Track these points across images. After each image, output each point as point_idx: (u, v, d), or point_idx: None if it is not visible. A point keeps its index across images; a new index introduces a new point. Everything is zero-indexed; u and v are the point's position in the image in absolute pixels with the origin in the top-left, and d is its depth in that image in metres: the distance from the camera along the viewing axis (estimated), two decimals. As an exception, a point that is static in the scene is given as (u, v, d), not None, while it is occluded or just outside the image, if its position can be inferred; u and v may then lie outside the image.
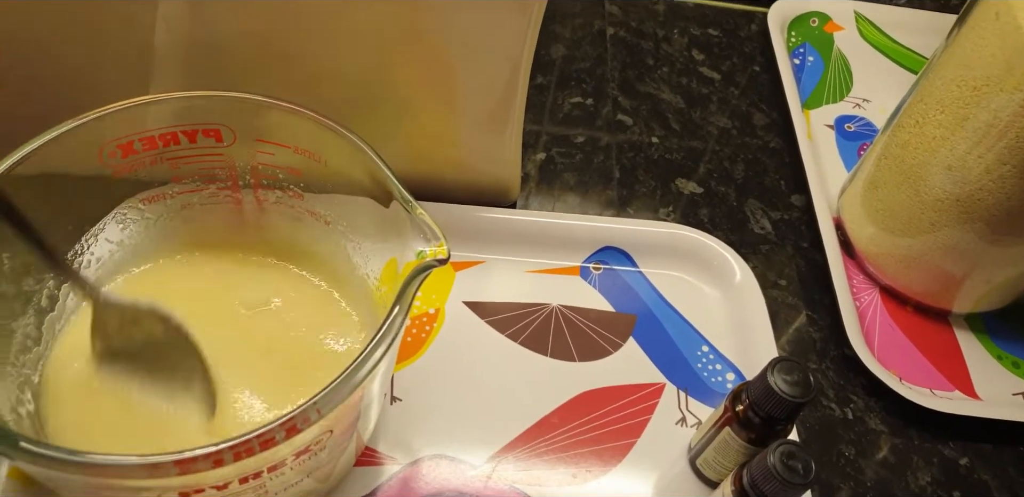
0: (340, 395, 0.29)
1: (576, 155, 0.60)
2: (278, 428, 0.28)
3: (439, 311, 0.48)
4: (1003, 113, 0.43)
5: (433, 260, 0.33)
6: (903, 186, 0.50)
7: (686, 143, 0.62)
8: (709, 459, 0.42)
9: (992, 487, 0.46)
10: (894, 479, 0.46)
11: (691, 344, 0.49)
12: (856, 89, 0.69)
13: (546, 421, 0.45)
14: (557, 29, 0.69)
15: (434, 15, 0.42)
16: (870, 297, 0.54)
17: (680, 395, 0.47)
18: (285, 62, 0.44)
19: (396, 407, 0.44)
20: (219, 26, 0.42)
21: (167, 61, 0.43)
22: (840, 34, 0.73)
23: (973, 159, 0.45)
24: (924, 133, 0.48)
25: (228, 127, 0.39)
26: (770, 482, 0.36)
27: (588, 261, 0.52)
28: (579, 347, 0.48)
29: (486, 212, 0.52)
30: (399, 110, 0.48)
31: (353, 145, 0.36)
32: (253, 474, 0.29)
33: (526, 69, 0.46)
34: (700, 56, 0.70)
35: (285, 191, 0.41)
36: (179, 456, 0.26)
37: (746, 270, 0.51)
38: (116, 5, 0.40)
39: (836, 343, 0.51)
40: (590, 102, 0.64)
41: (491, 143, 0.51)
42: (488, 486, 0.42)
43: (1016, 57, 0.42)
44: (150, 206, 0.41)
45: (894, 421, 0.48)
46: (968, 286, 0.51)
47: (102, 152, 0.37)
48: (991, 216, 0.46)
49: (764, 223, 0.58)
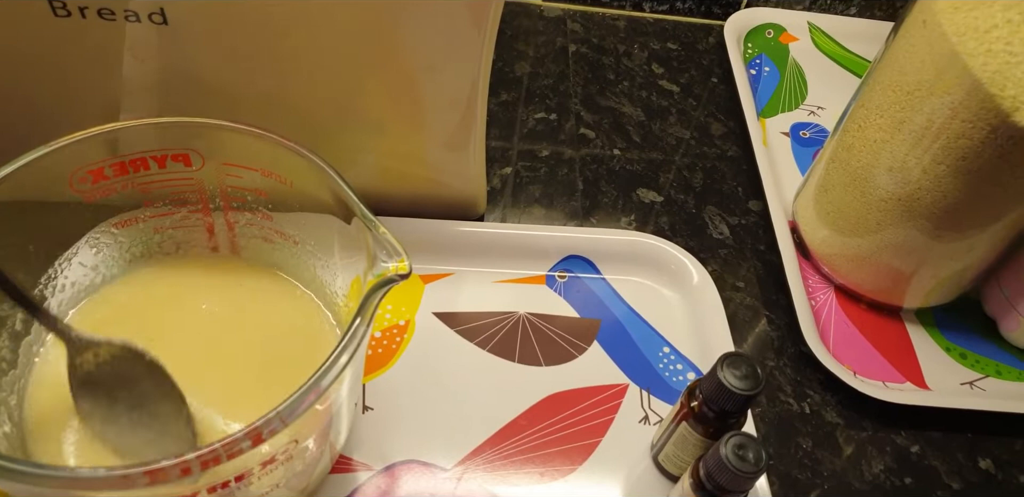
0: (304, 404, 0.30)
1: (541, 168, 0.62)
2: (243, 437, 0.29)
3: (409, 322, 0.50)
4: (936, 116, 0.45)
5: (395, 275, 0.35)
6: (850, 188, 0.52)
7: (647, 154, 0.64)
8: (670, 454, 0.44)
9: (942, 472, 0.48)
10: (850, 469, 0.48)
11: (652, 345, 0.51)
12: (811, 97, 0.71)
13: (514, 424, 0.47)
14: (521, 47, 0.72)
15: (396, 42, 0.43)
16: (825, 296, 0.56)
17: (643, 394, 0.49)
18: (254, 87, 0.46)
19: (368, 416, 0.46)
20: (187, 53, 0.43)
21: (136, 88, 0.45)
22: (795, 44, 0.76)
23: (912, 160, 0.48)
24: (867, 137, 0.51)
25: (196, 152, 0.40)
26: (724, 472, 0.38)
27: (553, 270, 0.54)
28: (545, 352, 0.50)
29: (454, 226, 0.54)
30: (366, 131, 0.50)
31: (316, 167, 0.38)
32: (221, 483, 0.31)
33: (483, 88, 0.48)
34: (660, 70, 0.72)
35: (254, 213, 0.43)
36: (148, 467, 0.27)
37: (703, 273, 0.53)
38: (83, 35, 0.41)
39: (793, 341, 0.53)
40: (554, 117, 0.66)
41: (456, 159, 0.53)
42: (459, 488, 0.44)
43: (944, 63, 0.44)
44: (123, 230, 0.42)
45: (849, 414, 0.50)
46: (916, 282, 0.53)
47: (73, 178, 0.38)
48: (931, 214, 0.48)
49: (722, 228, 0.60)
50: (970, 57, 0.42)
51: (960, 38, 0.43)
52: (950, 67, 0.44)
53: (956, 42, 0.43)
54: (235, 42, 0.43)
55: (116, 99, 0.45)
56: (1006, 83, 0.42)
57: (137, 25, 0.41)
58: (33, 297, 0.37)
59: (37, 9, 0.39)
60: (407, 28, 0.43)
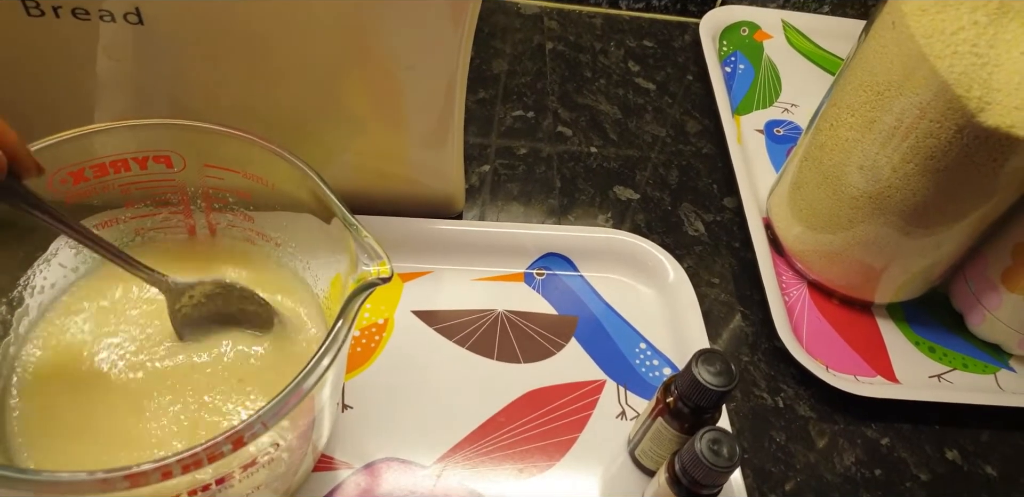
0: (285, 408, 0.31)
1: (519, 166, 0.63)
2: (224, 441, 0.29)
3: (388, 321, 0.51)
4: (905, 116, 0.46)
5: (376, 278, 0.35)
6: (823, 186, 0.53)
7: (623, 152, 0.65)
8: (646, 449, 0.45)
9: (911, 464, 0.49)
10: (821, 461, 0.49)
11: (629, 341, 0.52)
12: (784, 94, 0.72)
13: (493, 421, 0.47)
14: (498, 45, 0.72)
15: (374, 41, 0.44)
16: (799, 292, 0.57)
17: (620, 390, 0.50)
18: (234, 89, 0.46)
19: (348, 414, 0.46)
20: (164, 54, 0.43)
21: (112, 89, 0.45)
22: (769, 42, 0.77)
23: (882, 159, 0.48)
24: (838, 135, 0.51)
25: (178, 153, 0.40)
26: (698, 467, 0.39)
27: (532, 267, 0.55)
28: (524, 349, 0.51)
29: (433, 224, 0.54)
30: (346, 131, 0.50)
31: (298, 169, 0.38)
32: (202, 486, 0.31)
33: (461, 86, 0.48)
34: (636, 67, 0.73)
35: (235, 214, 0.43)
36: (129, 471, 0.28)
37: (679, 270, 0.54)
38: (57, 35, 0.41)
39: (767, 336, 0.54)
40: (531, 115, 0.67)
41: (434, 158, 0.53)
42: (438, 485, 0.44)
43: (911, 63, 0.45)
44: (103, 231, 0.42)
45: (821, 407, 0.51)
46: (887, 277, 0.54)
47: (52, 179, 0.38)
48: (901, 211, 0.49)
49: (698, 225, 0.61)
50: (937, 59, 0.43)
51: (927, 40, 0.44)
52: (918, 68, 0.45)
53: (923, 44, 0.44)
54: (212, 41, 0.43)
55: (92, 100, 0.45)
56: (972, 84, 0.43)
57: (112, 25, 0.41)
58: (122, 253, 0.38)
59: (10, 8, 0.39)
60: (385, 27, 0.43)
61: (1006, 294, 0.51)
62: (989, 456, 0.51)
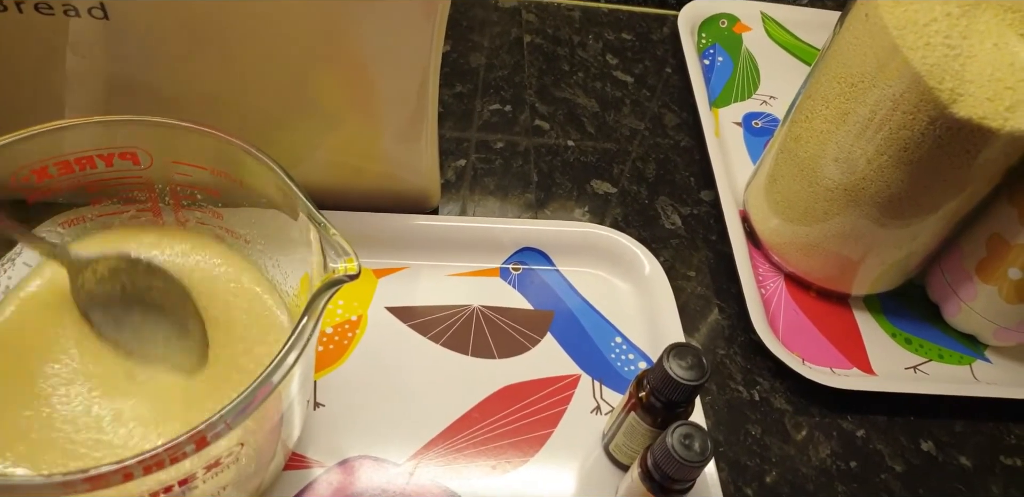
0: (249, 408, 0.30)
1: (496, 160, 0.62)
2: (187, 441, 0.29)
3: (361, 318, 0.50)
4: (879, 108, 0.46)
5: (344, 275, 0.34)
6: (798, 178, 0.53)
7: (601, 145, 0.65)
8: (620, 444, 0.45)
9: (886, 455, 0.49)
10: (797, 454, 0.49)
11: (605, 336, 0.52)
12: (763, 87, 0.72)
13: (467, 417, 0.47)
14: (476, 38, 0.72)
15: (345, 33, 0.43)
16: (775, 285, 0.57)
17: (595, 385, 0.49)
18: (204, 85, 0.45)
19: (319, 412, 0.46)
20: (131, 49, 0.43)
21: (80, 85, 0.44)
22: (748, 34, 0.76)
23: (857, 151, 0.48)
24: (813, 127, 0.51)
25: (144, 150, 0.40)
26: (670, 462, 0.39)
27: (508, 262, 0.55)
28: (499, 345, 0.50)
29: (407, 219, 0.54)
30: (318, 126, 0.49)
31: (264, 165, 0.38)
32: (164, 488, 0.31)
33: (435, 79, 0.48)
34: (614, 60, 0.72)
35: (204, 211, 0.43)
36: (88, 474, 0.27)
37: (655, 264, 0.54)
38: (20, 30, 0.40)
39: (743, 329, 0.54)
40: (508, 108, 0.66)
41: (409, 152, 0.53)
42: (411, 482, 0.44)
43: (885, 55, 0.45)
44: (69, 229, 0.42)
45: (797, 400, 0.51)
46: (863, 269, 0.54)
47: (16, 176, 0.38)
48: (876, 203, 0.49)
49: (675, 219, 0.60)
50: (910, 50, 0.43)
51: (900, 31, 0.43)
52: (891, 60, 0.44)
53: (896, 35, 0.44)
54: (180, 37, 0.42)
55: (60, 97, 0.44)
56: (944, 76, 0.43)
57: (77, 20, 0.40)
58: None
59: (-29, 4, 0.39)
60: (356, 22, 0.42)
61: (981, 285, 0.51)
62: (963, 447, 0.51)
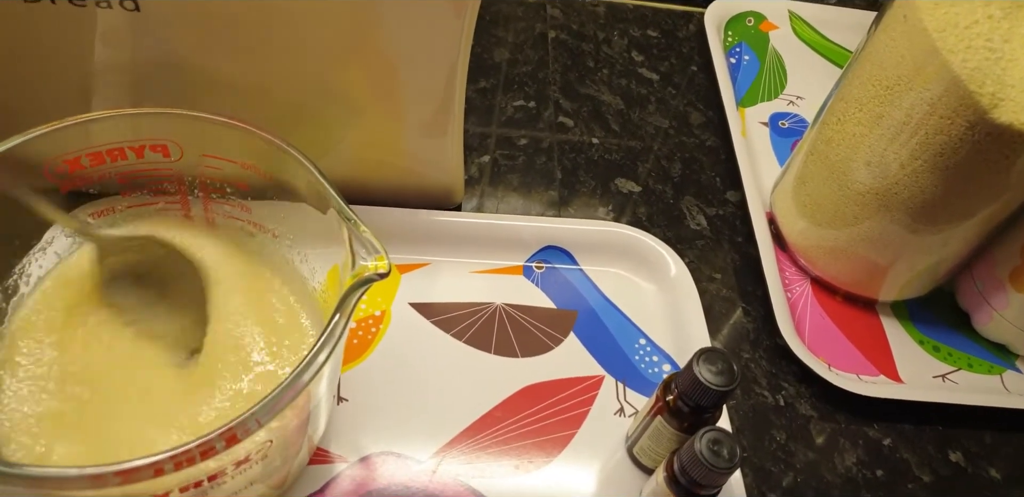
0: (279, 405, 0.30)
1: (519, 157, 0.62)
2: (218, 438, 0.28)
3: (385, 313, 0.50)
4: (914, 111, 0.45)
5: (374, 274, 0.34)
6: (828, 181, 0.52)
7: (625, 143, 0.64)
8: (644, 447, 0.44)
9: (913, 464, 0.49)
10: (822, 461, 0.48)
11: (629, 337, 0.51)
12: (790, 86, 0.71)
13: (490, 416, 0.47)
14: (500, 33, 0.71)
15: (374, 27, 0.43)
16: (802, 288, 0.56)
17: (618, 386, 0.49)
18: (232, 76, 0.45)
19: (343, 407, 0.46)
20: (161, 41, 0.42)
21: (109, 76, 0.44)
22: (775, 33, 0.75)
23: (890, 155, 0.48)
24: (846, 130, 0.51)
25: (175, 142, 0.40)
26: (698, 467, 0.38)
27: (531, 260, 0.54)
28: (522, 343, 0.50)
29: (431, 215, 0.53)
30: (344, 120, 0.49)
31: (295, 159, 0.37)
32: (194, 483, 0.31)
33: (462, 74, 0.47)
34: (639, 57, 0.72)
35: (233, 204, 0.43)
36: (119, 467, 0.27)
37: (680, 265, 0.53)
38: (53, 21, 0.40)
39: (769, 333, 0.54)
40: (532, 105, 0.66)
41: (434, 147, 0.52)
42: (433, 480, 0.44)
43: (923, 58, 0.44)
44: (99, 220, 0.42)
45: (823, 406, 0.51)
46: (892, 275, 0.53)
47: (50, 166, 0.38)
48: (908, 208, 0.48)
49: (700, 219, 0.60)
50: (950, 53, 0.42)
51: (940, 34, 0.43)
52: (929, 62, 0.44)
53: (936, 38, 0.43)
54: (209, 29, 0.42)
55: (89, 88, 0.44)
56: (985, 80, 0.42)
57: (108, 11, 0.40)
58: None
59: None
60: (386, 14, 0.42)
61: (1014, 294, 0.51)
62: (993, 458, 0.50)
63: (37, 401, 0.37)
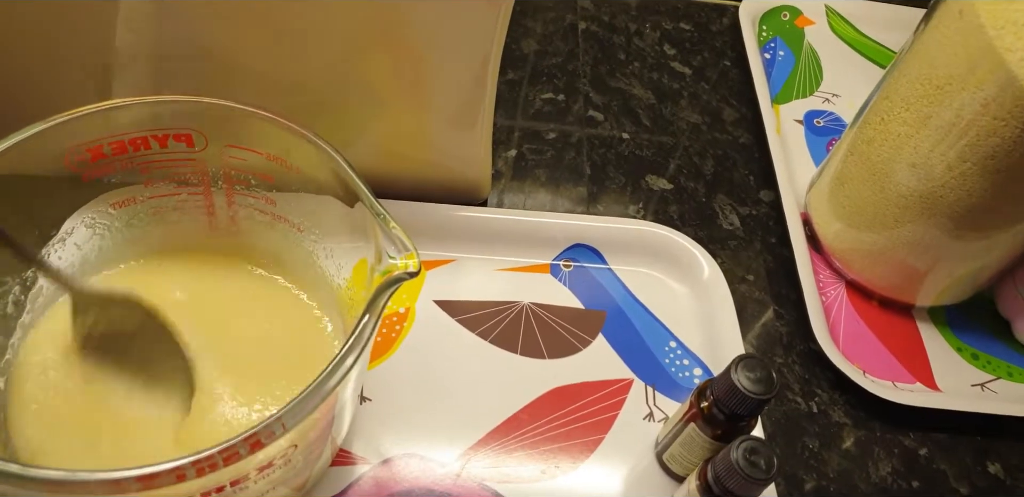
0: (306, 409, 0.29)
1: (547, 152, 0.60)
2: (242, 443, 0.28)
3: (409, 310, 0.49)
4: (965, 112, 0.44)
5: (403, 273, 0.33)
6: (869, 182, 0.51)
7: (656, 138, 0.63)
8: (675, 454, 0.43)
9: (950, 476, 0.47)
10: (856, 470, 0.47)
11: (659, 340, 0.50)
12: (826, 84, 0.69)
13: (515, 418, 0.45)
14: (529, 23, 0.69)
15: (404, 14, 0.42)
16: (836, 292, 0.55)
17: (648, 390, 0.48)
18: (256, 64, 0.44)
19: (366, 407, 0.44)
20: (185, 27, 0.41)
21: (131, 63, 0.43)
22: (811, 28, 0.74)
23: (936, 157, 0.46)
24: (889, 130, 0.49)
25: (200, 132, 0.39)
26: (733, 477, 0.37)
27: (558, 259, 0.53)
28: (549, 344, 0.49)
29: (457, 210, 0.52)
30: (370, 110, 0.48)
31: (324, 153, 0.36)
32: (216, 488, 0.30)
33: (495, 66, 0.46)
34: (671, 51, 0.70)
35: (257, 197, 0.41)
36: (141, 472, 0.26)
37: (714, 266, 0.52)
38: (75, 6, 0.39)
39: (802, 337, 0.52)
40: (561, 98, 0.64)
41: (461, 141, 0.51)
42: (458, 483, 0.42)
43: (978, 56, 0.42)
44: (120, 210, 0.41)
45: (857, 414, 0.49)
46: (931, 280, 0.52)
47: (71, 154, 0.37)
48: (953, 212, 0.47)
49: (733, 219, 0.58)
50: (1007, 52, 0.41)
51: (998, 31, 0.41)
52: (984, 61, 0.42)
53: (994, 35, 0.41)
54: (235, 15, 0.41)
55: (112, 75, 0.43)
56: (1043, 80, 0.40)
57: (132, -2, 0.39)
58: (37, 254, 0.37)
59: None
60: (418, 3, 0.41)
61: (1058, 302, 0.49)
62: (1033, 471, 0.49)
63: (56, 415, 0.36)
